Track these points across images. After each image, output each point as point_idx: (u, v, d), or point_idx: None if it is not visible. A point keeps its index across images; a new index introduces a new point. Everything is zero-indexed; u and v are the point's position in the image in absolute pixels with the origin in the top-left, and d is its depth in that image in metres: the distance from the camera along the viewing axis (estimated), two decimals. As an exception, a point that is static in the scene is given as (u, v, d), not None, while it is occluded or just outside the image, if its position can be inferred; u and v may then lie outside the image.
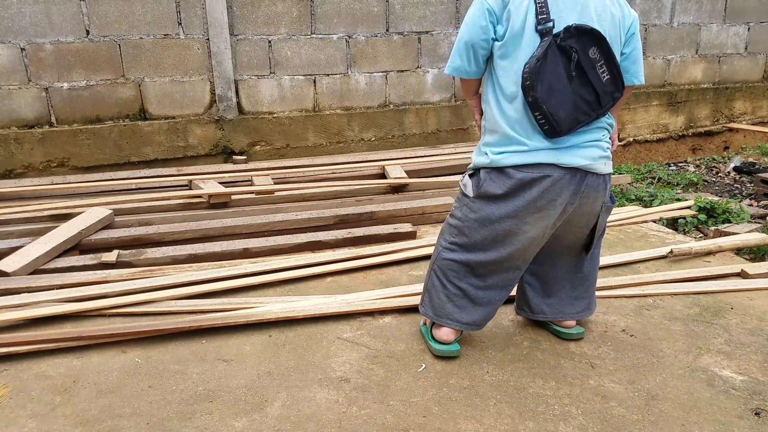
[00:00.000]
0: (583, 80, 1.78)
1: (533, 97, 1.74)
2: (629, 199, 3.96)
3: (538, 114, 1.76)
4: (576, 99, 1.78)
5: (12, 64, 3.48)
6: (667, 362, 2.02)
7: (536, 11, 1.76)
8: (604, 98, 1.81)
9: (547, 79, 1.74)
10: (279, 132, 4.13)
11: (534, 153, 1.80)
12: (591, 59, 1.77)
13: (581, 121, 1.80)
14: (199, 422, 1.72)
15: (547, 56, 1.73)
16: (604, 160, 1.87)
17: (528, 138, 1.81)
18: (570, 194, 1.84)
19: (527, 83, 1.74)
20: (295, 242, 2.98)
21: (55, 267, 2.64)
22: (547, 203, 1.82)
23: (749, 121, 5.92)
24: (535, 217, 1.85)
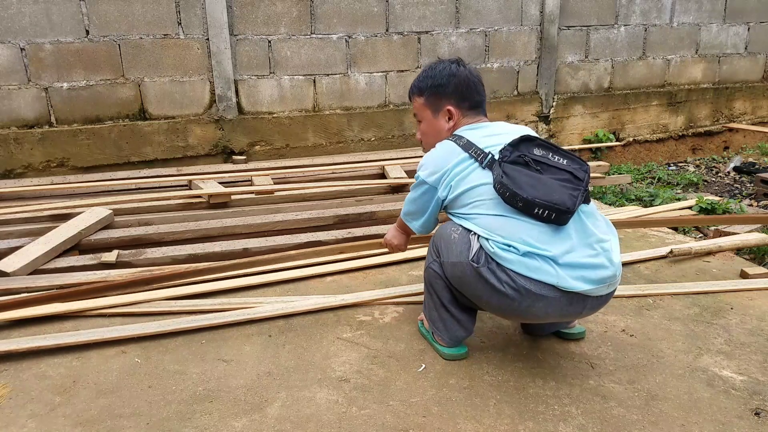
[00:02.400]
0: (551, 169, 1.82)
1: (522, 200, 1.73)
2: (629, 199, 3.96)
3: (537, 209, 1.73)
4: (556, 181, 1.78)
5: (11, 64, 3.48)
6: (667, 362, 2.02)
7: (473, 157, 1.88)
8: (577, 173, 1.82)
9: (522, 181, 1.76)
10: (279, 132, 4.13)
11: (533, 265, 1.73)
12: (540, 156, 1.84)
13: (574, 195, 1.75)
14: (199, 422, 1.72)
15: (506, 173, 1.78)
16: (608, 284, 1.78)
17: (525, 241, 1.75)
18: (560, 315, 1.81)
19: (507, 195, 1.76)
20: (294, 242, 2.98)
21: (55, 267, 2.64)
22: (533, 316, 1.81)
23: (749, 121, 5.92)
24: (518, 315, 1.86)
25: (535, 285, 1.72)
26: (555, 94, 4.98)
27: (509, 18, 4.64)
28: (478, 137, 1.94)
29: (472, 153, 1.89)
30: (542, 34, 4.76)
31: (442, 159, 1.94)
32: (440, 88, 2.01)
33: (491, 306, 1.85)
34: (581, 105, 5.09)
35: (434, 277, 1.99)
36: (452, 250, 1.87)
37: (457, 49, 4.53)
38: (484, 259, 1.79)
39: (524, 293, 1.73)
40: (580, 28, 4.92)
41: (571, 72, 5.01)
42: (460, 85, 2.00)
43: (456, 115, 2.02)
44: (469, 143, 1.91)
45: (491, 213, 1.82)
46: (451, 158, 1.92)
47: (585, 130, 5.18)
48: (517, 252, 1.74)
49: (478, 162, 1.87)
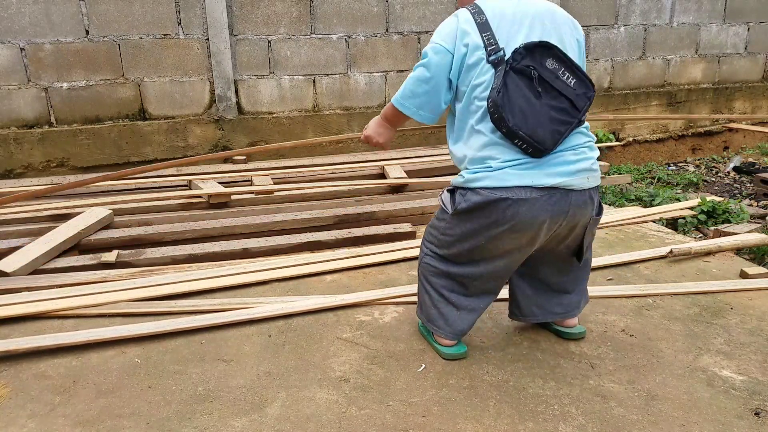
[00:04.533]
0: (552, 92, 1.75)
1: (507, 127, 1.71)
2: (629, 199, 3.96)
3: (518, 141, 1.72)
4: (550, 112, 1.73)
5: (11, 64, 3.48)
6: (667, 362, 2.02)
7: (484, 44, 1.76)
8: (578, 101, 1.77)
9: (515, 104, 1.71)
10: (279, 132, 4.13)
11: (510, 174, 1.74)
12: (551, 70, 1.75)
13: (563, 133, 1.75)
14: (199, 422, 1.72)
15: (507, 84, 1.71)
16: (587, 174, 1.79)
17: (500, 159, 1.76)
18: (551, 215, 1.77)
19: (495, 116, 1.72)
20: (294, 242, 2.98)
21: (55, 267, 2.64)
22: (524, 225, 1.77)
23: (749, 121, 5.92)
24: (512, 237, 1.80)
25: (513, 191, 1.73)
26: (555, 94, 4.97)
27: (509, 18, 4.63)
28: (497, 15, 1.79)
29: (485, 39, 1.76)
30: (542, 34, 4.76)
31: (452, 26, 1.83)
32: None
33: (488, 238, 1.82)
34: (581, 105, 5.08)
35: (430, 267, 1.98)
36: (438, 225, 1.93)
37: (457, 49, 4.52)
38: (458, 197, 1.84)
39: (499, 202, 1.73)
40: (580, 28, 4.92)
41: (570, 72, 5.00)
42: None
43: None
44: (486, 25, 1.78)
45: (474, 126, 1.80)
46: (463, 26, 1.80)
47: (585, 130, 5.17)
48: (488, 168, 1.76)
49: (487, 52, 1.76)
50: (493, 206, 1.75)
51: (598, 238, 3.16)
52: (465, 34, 1.79)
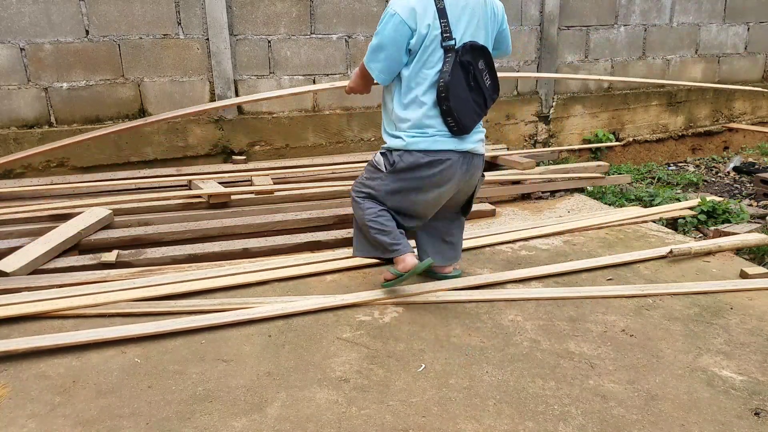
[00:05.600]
0: (477, 89, 2.22)
1: (447, 106, 2.16)
2: (629, 199, 3.96)
3: (450, 119, 2.19)
4: (473, 105, 2.23)
5: (11, 64, 3.48)
6: (667, 362, 2.02)
7: (441, 29, 2.14)
8: (489, 101, 2.28)
9: (455, 91, 2.16)
10: (278, 132, 4.13)
11: (441, 141, 2.22)
12: (480, 70, 2.21)
13: (476, 122, 2.27)
14: (199, 422, 1.72)
15: (453, 71, 2.14)
16: (482, 143, 2.35)
17: (435, 129, 2.21)
18: (463, 172, 2.29)
19: (443, 95, 2.15)
20: (294, 242, 2.98)
21: (55, 267, 2.64)
22: (446, 180, 2.27)
23: (749, 121, 5.93)
24: (436, 189, 2.28)
25: (443, 154, 2.22)
26: (555, 94, 4.98)
27: (509, 18, 4.59)
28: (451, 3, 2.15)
29: (442, 25, 2.15)
30: (542, 34, 4.76)
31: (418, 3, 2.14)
32: None
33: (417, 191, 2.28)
34: (581, 105, 5.09)
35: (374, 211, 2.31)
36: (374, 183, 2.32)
37: (457, 49, 4.53)
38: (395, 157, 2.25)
39: (434, 163, 2.22)
40: (580, 28, 4.92)
41: (570, 72, 5.01)
42: None
43: None
44: (444, 11, 2.15)
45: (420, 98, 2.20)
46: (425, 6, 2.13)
47: (585, 130, 5.18)
48: (425, 135, 2.22)
49: (442, 37, 2.15)
50: (426, 166, 2.23)
51: (598, 238, 3.16)
52: (425, 14, 2.14)
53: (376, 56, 2.23)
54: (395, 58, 2.20)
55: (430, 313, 2.36)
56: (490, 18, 2.27)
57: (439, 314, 2.34)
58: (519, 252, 3.00)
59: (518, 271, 2.70)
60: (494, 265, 2.83)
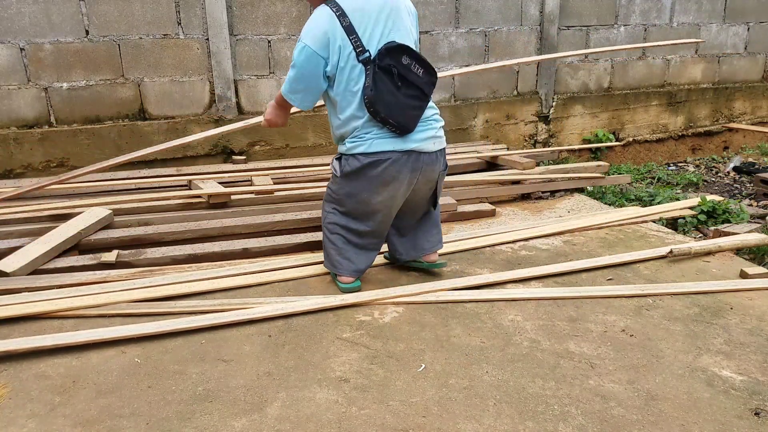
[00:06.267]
0: (407, 84, 2.23)
1: (381, 117, 2.20)
2: (629, 199, 3.96)
3: (389, 126, 2.23)
4: (406, 102, 2.23)
5: (11, 64, 3.48)
6: (667, 362, 2.02)
7: (353, 46, 2.18)
8: (426, 88, 2.28)
9: (383, 99, 2.18)
10: (278, 132, 4.12)
11: (377, 143, 2.26)
12: (405, 65, 2.22)
13: (418, 115, 2.28)
14: (199, 422, 1.72)
15: (375, 82, 2.17)
16: (433, 140, 2.35)
17: (372, 133, 2.26)
18: (410, 170, 2.32)
19: (372, 109, 2.19)
20: (294, 242, 2.98)
21: (55, 267, 2.64)
22: (391, 179, 2.30)
23: (749, 121, 5.93)
24: (385, 189, 2.33)
25: (381, 154, 2.26)
26: (555, 94, 4.98)
27: (509, 18, 4.64)
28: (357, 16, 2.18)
29: (353, 41, 2.19)
30: (542, 34, 4.77)
31: (322, 27, 2.19)
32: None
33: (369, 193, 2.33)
34: (581, 105, 5.09)
35: (332, 225, 2.46)
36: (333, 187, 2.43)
37: (457, 49, 4.53)
38: (343, 162, 2.33)
39: (374, 163, 2.26)
40: (580, 28, 4.92)
41: (570, 72, 5.01)
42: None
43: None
44: (351, 27, 2.18)
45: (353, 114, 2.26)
46: (332, 27, 2.18)
47: (585, 130, 5.18)
48: (362, 139, 2.27)
49: (356, 53, 2.20)
50: (368, 167, 2.28)
51: (598, 238, 3.16)
52: (335, 37, 2.18)
53: (294, 87, 2.29)
54: (314, 87, 2.28)
55: (430, 313, 2.36)
56: (404, 16, 2.30)
57: (439, 314, 2.34)
58: (519, 252, 3.00)
59: (518, 271, 2.70)
60: (494, 265, 2.83)
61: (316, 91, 2.30)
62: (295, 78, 2.26)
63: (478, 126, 4.73)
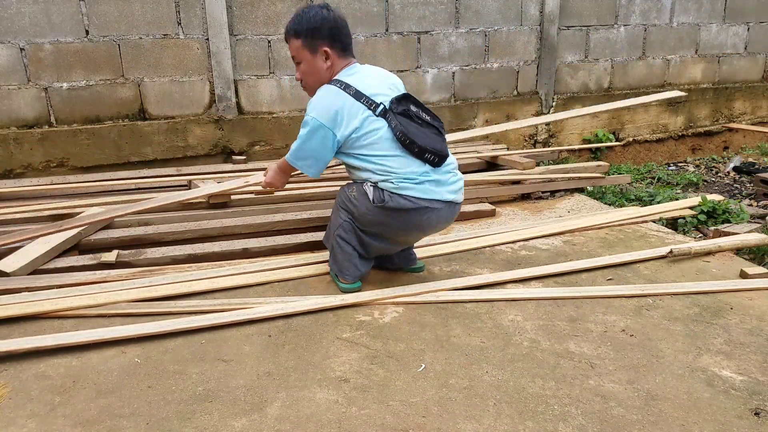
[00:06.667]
0: (425, 124, 2.38)
1: (418, 147, 2.31)
2: (629, 199, 3.96)
3: (427, 155, 2.33)
4: (432, 135, 2.37)
5: (11, 64, 3.48)
6: (667, 362, 2.02)
7: (366, 106, 2.31)
8: (440, 129, 2.44)
9: (413, 132, 2.31)
10: (279, 132, 4.13)
11: (429, 189, 2.35)
12: (414, 112, 2.38)
13: (445, 146, 2.41)
14: (199, 422, 1.72)
15: (401, 123, 2.31)
16: (462, 192, 2.52)
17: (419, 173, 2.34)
18: (444, 220, 2.47)
19: (407, 142, 2.30)
20: (294, 242, 2.98)
21: (55, 267, 2.64)
22: (427, 225, 2.44)
23: (749, 121, 5.93)
24: (418, 231, 2.49)
25: (429, 201, 2.36)
26: (555, 94, 4.98)
27: (509, 18, 4.64)
28: (362, 85, 2.34)
29: (364, 102, 2.32)
30: (542, 34, 4.77)
31: (332, 102, 2.30)
32: (316, 30, 2.37)
33: (400, 229, 2.42)
34: (581, 105, 5.09)
35: (346, 233, 2.47)
36: (359, 207, 2.39)
37: (457, 48, 4.53)
38: (386, 196, 2.33)
39: (422, 209, 2.36)
40: (580, 28, 4.92)
41: (570, 72, 5.01)
42: (332, 28, 2.39)
43: (332, 56, 2.39)
44: (359, 93, 2.32)
45: (390, 154, 2.32)
46: (341, 101, 2.30)
47: (585, 130, 5.18)
48: (413, 181, 2.34)
49: (371, 110, 2.32)
50: (414, 211, 2.36)
51: (598, 238, 3.16)
52: (343, 109, 2.29)
53: (303, 158, 2.39)
54: (321, 158, 2.37)
55: (430, 313, 2.36)
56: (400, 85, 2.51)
57: (439, 314, 2.34)
58: (519, 252, 3.00)
59: (518, 271, 2.70)
60: (494, 265, 2.83)
61: (323, 162, 2.38)
62: (303, 148, 2.36)
63: (479, 126, 4.73)
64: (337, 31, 2.40)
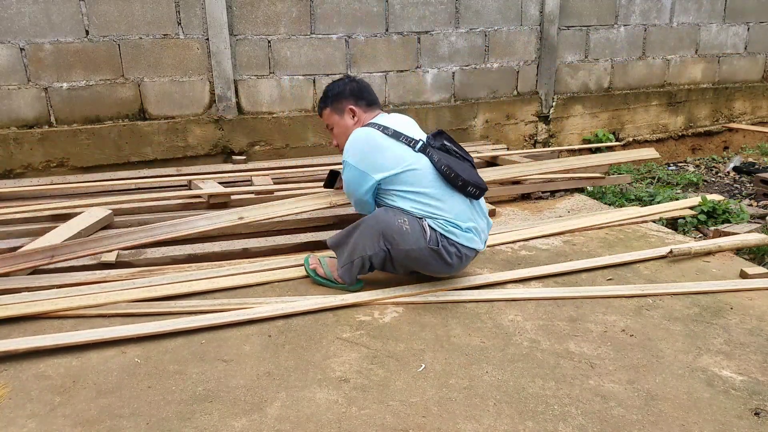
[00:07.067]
0: (461, 158, 2.45)
1: (462, 180, 2.34)
2: (629, 199, 3.96)
3: (470, 188, 2.37)
4: (470, 169, 2.44)
5: (11, 64, 3.48)
6: (667, 362, 2.02)
7: (406, 143, 2.39)
8: (473, 163, 2.50)
9: (455, 166, 2.36)
10: (279, 132, 4.13)
11: (471, 239, 2.40)
12: (448, 147, 2.44)
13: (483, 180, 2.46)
14: (199, 422, 1.72)
15: (441, 156, 2.38)
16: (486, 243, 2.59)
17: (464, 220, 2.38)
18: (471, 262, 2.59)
19: (452, 175, 2.34)
20: (294, 242, 2.98)
21: (55, 267, 2.63)
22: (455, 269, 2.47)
23: (749, 121, 5.93)
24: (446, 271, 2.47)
25: (470, 251, 2.43)
26: (555, 94, 4.98)
27: (509, 18, 4.64)
28: (396, 123, 2.45)
29: (402, 140, 2.39)
30: (542, 34, 4.77)
31: (365, 144, 2.39)
32: (339, 95, 2.55)
33: (433, 270, 2.45)
34: (581, 105, 5.09)
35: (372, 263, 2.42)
36: (407, 239, 2.32)
37: (457, 48, 4.53)
38: (439, 240, 2.34)
39: (464, 259, 2.43)
40: (580, 28, 4.92)
41: (570, 72, 5.01)
42: (353, 89, 2.55)
43: (358, 112, 2.53)
44: (397, 132, 2.40)
45: (432, 190, 2.36)
46: (380, 144, 2.37)
47: (585, 130, 5.18)
48: (460, 228, 2.37)
49: (410, 147, 2.39)
50: (458, 257, 2.39)
51: (598, 238, 3.16)
52: (382, 150, 2.36)
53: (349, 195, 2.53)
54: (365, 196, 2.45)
55: (430, 313, 2.36)
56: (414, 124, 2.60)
57: (439, 314, 2.34)
58: (519, 252, 3.00)
59: (518, 271, 2.70)
60: (494, 265, 2.83)
61: (366, 199, 2.45)
62: (348, 192, 2.51)
63: (478, 126, 4.73)
64: (358, 90, 2.55)
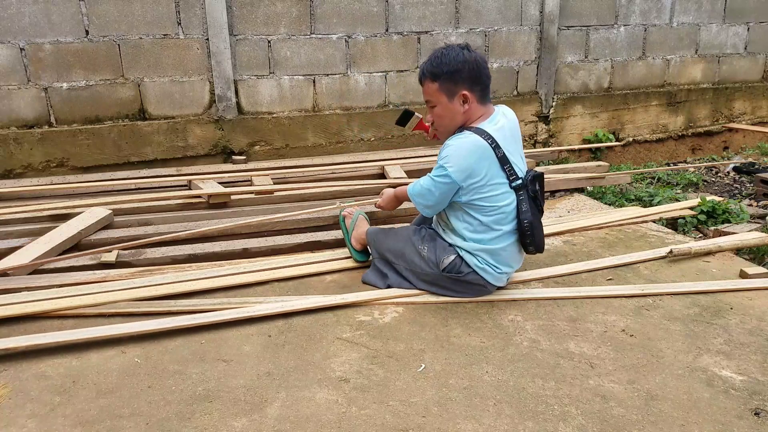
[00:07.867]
0: (540, 211, 2.34)
1: (534, 243, 2.29)
2: (629, 199, 3.96)
3: (531, 248, 2.33)
4: (541, 227, 2.34)
5: (11, 64, 3.48)
6: (667, 362, 2.02)
7: (506, 175, 2.23)
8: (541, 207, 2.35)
9: (537, 225, 2.28)
10: (278, 132, 4.13)
11: (499, 278, 2.38)
12: (538, 190, 2.31)
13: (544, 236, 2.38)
14: (199, 422, 1.72)
15: (528, 209, 2.25)
16: None
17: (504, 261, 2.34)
18: None
19: (528, 232, 2.26)
20: (294, 242, 2.98)
21: (55, 267, 2.64)
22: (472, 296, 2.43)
23: (749, 121, 5.93)
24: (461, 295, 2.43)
25: (491, 286, 2.40)
26: (555, 94, 4.98)
27: (509, 18, 4.64)
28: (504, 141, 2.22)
29: (507, 170, 2.22)
30: (542, 34, 4.77)
31: (473, 160, 2.19)
32: (455, 74, 2.17)
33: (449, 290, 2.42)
34: (581, 105, 5.09)
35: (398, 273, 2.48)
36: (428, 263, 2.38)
37: (457, 49, 4.52)
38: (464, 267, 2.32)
39: (482, 290, 2.40)
40: (580, 28, 4.92)
41: (570, 72, 5.01)
42: (472, 70, 2.18)
43: (471, 99, 2.22)
44: (505, 158, 2.21)
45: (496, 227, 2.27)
46: (483, 163, 2.19)
47: (585, 130, 5.18)
48: (497, 270, 2.35)
49: (508, 180, 2.24)
50: (476, 285, 2.37)
51: (598, 238, 3.16)
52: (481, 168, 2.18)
53: (424, 198, 2.32)
54: (440, 204, 2.32)
55: (430, 313, 2.36)
56: (517, 128, 2.35)
57: (439, 314, 2.34)
58: (519, 252, 3.00)
59: (518, 271, 2.70)
60: (494, 265, 2.83)
61: (442, 205, 2.33)
62: (430, 195, 2.28)
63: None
64: (477, 72, 2.19)
